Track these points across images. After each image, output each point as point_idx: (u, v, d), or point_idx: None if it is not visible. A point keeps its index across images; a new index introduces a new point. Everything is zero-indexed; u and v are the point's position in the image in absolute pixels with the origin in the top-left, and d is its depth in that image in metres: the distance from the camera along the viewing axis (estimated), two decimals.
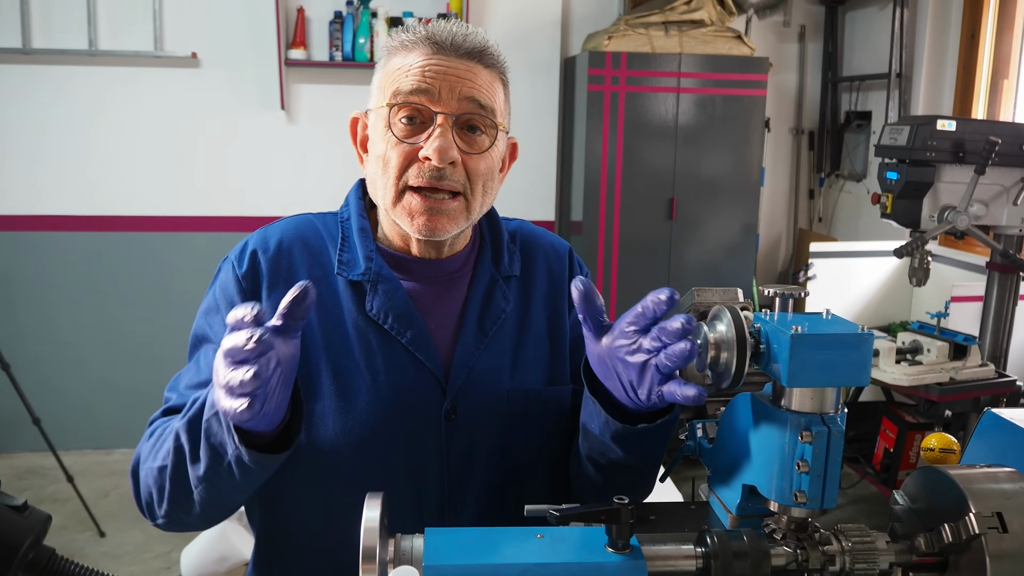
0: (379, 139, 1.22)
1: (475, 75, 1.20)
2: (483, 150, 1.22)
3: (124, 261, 4.58)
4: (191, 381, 1.23)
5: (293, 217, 1.34)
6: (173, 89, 4.47)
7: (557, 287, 1.38)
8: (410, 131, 1.19)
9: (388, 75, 1.22)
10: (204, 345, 1.25)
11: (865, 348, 0.90)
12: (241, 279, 1.24)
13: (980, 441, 1.14)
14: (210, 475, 1.06)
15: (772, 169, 5.32)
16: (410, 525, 0.92)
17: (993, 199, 3.06)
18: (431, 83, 1.18)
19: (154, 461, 1.13)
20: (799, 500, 0.92)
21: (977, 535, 0.88)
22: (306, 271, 1.26)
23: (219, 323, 1.24)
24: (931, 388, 3.20)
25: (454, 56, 1.20)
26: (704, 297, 1.29)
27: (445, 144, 1.16)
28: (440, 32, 1.20)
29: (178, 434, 1.08)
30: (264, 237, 1.29)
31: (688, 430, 1.24)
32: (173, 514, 1.15)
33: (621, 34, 4.33)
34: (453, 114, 1.18)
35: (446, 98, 1.18)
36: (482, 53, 1.22)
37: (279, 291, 1.22)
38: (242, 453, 1.00)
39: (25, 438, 4.04)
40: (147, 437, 1.19)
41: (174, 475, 1.10)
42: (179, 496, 1.11)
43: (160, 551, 3.62)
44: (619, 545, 0.87)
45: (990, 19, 4.21)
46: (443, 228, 1.21)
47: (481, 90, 1.20)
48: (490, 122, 1.22)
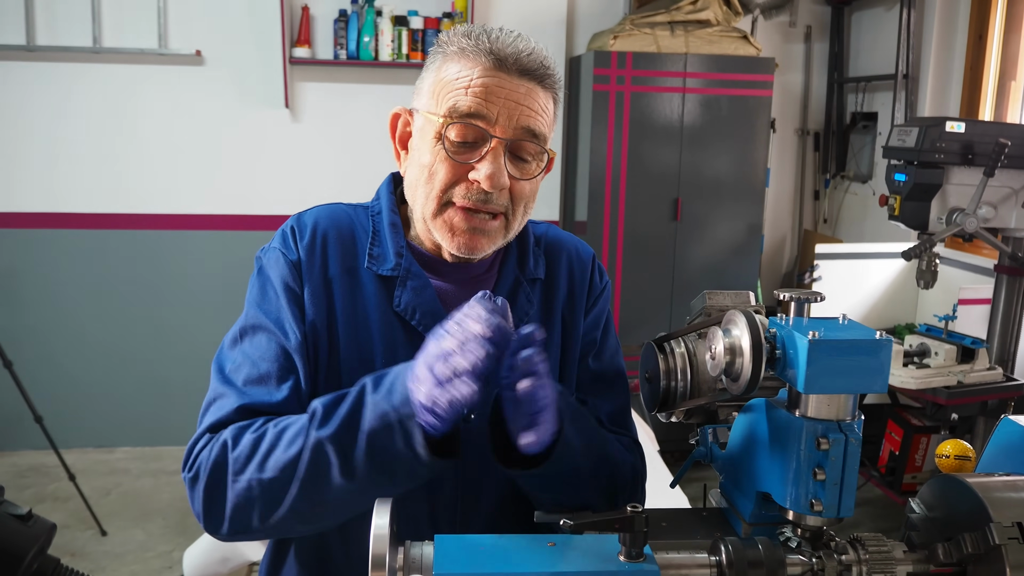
0: (426, 148, 1.20)
1: (533, 99, 1.18)
2: (531, 176, 1.21)
3: (127, 259, 4.57)
4: (250, 376, 1.18)
5: (327, 205, 1.33)
6: (177, 87, 4.46)
7: (576, 293, 1.37)
8: (462, 150, 1.17)
9: (444, 82, 1.18)
10: (258, 333, 1.21)
11: (883, 354, 0.88)
12: (295, 265, 1.23)
13: (996, 448, 1.12)
14: (366, 485, 1.05)
15: (777, 170, 5.31)
16: (424, 533, 0.90)
17: (1002, 201, 3.04)
18: (490, 108, 1.15)
19: (261, 472, 1.07)
20: (815, 508, 0.90)
21: (998, 545, 0.87)
22: (338, 261, 1.25)
23: (278, 310, 1.21)
24: (939, 391, 3.17)
25: (515, 75, 1.17)
26: (715, 301, 1.27)
27: (497, 171, 1.15)
28: (503, 48, 1.17)
29: (318, 447, 1.04)
30: (301, 223, 1.28)
31: (699, 435, 1.23)
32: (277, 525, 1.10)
33: (626, 34, 4.31)
34: (508, 139, 1.17)
35: (503, 124, 1.16)
36: (543, 74, 1.20)
37: (313, 277, 1.23)
38: (424, 458, 1.01)
39: (27, 436, 4.03)
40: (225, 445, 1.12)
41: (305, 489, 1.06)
42: (302, 508, 1.07)
43: (162, 550, 3.61)
44: (632, 553, 0.86)
45: (998, 20, 4.18)
46: (482, 247, 1.21)
47: (537, 117, 1.19)
48: (541, 149, 1.21)
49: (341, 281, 1.24)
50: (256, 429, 1.12)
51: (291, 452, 1.06)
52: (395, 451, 1.01)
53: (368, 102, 4.57)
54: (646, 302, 4.43)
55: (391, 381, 1.04)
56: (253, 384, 1.18)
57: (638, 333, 4.15)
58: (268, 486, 1.07)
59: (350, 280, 1.24)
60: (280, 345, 1.19)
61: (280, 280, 1.23)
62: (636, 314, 4.37)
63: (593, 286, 1.40)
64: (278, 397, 1.16)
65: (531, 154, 1.20)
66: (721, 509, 1.13)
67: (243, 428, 1.13)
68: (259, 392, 1.17)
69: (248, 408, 1.16)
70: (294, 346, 1.19)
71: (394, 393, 1.02)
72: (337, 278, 1.24)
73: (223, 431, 1.14)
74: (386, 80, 4.57)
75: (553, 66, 1.22)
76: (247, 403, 1.16)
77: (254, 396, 1.16)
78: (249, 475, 1.08)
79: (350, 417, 1.04)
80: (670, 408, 1.15)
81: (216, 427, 1.16)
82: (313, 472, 1.05)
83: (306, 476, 1.06)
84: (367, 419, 1.03)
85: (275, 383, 1.17)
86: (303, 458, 1.05)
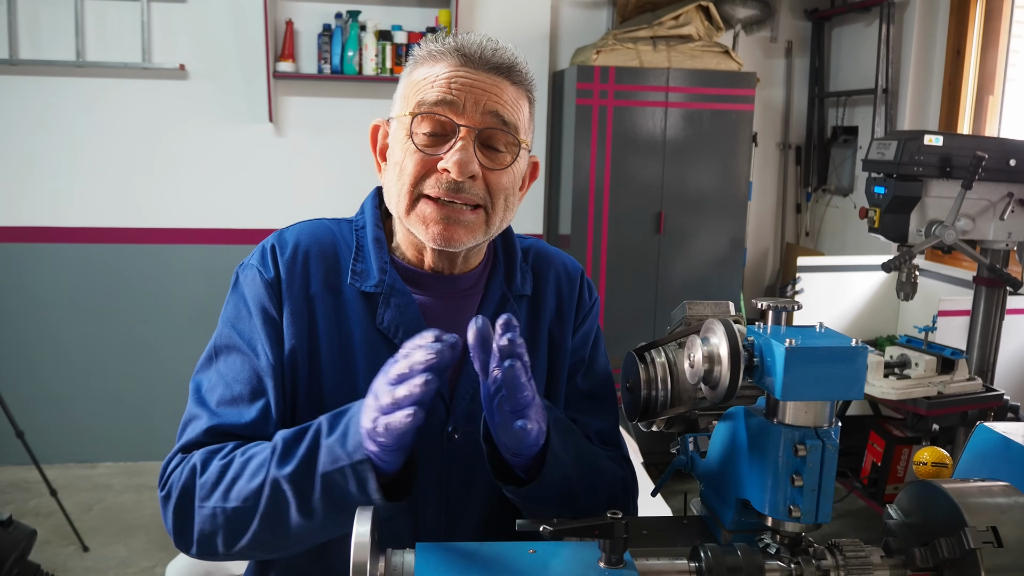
0: (398, 147, 1.20)
1: (501, 90, 1.19)
2: (505, 166, 1.20)
3: (110, 273, 4.54)
4: (223, 397, 1.19)
5: (309, 221, 1.32)
6: (161, 101, 4.45)
7: (564, 309, 1.36)
8: (431, 142, 1.17)
9: (413, 84, 1.20)
10: (232, 354, 1.22)
11: (859, 361, 0.89)
12: (272, 283, 1.22)
13: (972, 455, 1.14)
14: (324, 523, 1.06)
15: (759, 183, 5.34)
16: (407, 546, 0.90)
17: (980, 214, 3.07)
18: (456, 95, 1.16)
19: (225, 501, 1.09)
20: (793, 515, 0.91)
21: (973, 549, 0.88)
22: (320, 278, 1.24)
23: (251, 330, 1.22)
24: (919, 402, 3.20)
25: (482, 70, 1.18)
26: (695, 310, 1.28)
27: (466, 157, 1.15)
28: (469, 45, 1.19)
29: (276, 485, 1.05)
30: (282, 240, 1.27)
31: (680, 444, 1.24)
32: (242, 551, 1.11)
33: (609, 48, 4.34)
34: (476, 128, 1.17)
35: (470, 111, 1.16)
36: (510, 69, 1.20)
37: (294, 296, 1.22)
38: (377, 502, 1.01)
39: (8, 451, 4.00)
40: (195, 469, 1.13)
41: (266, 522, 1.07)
42: (264, 538, 1.09)
43: (144, 566, 3.59)
44: (612, 560, 0.86)
45: (975, 36, 4.24)
46: (459, 239, 1.19)
47: (506, 106, 1.19)
48: (512, 139, 1.20)
49: (323, 299, 1.23)
50: (224, 455, 1.13)
51: (253, 485, 1.07)
52: (349, 495, 1.02)
53: (352, 116, 4.58)
54: (630, 315, 4.44)
55: (346, 422, 1.04)
56: (226, 405, 1.18)
57: (621, 347, 4.14)
58: (232, 515, 1.09)
59: (333, 298, 1.23)
60: (252, 367, 1.20)
61: (255, 300, 1.22)
62: (620, 328, 4.38)
63: (582, 303, 1.39)
64: (248, 418, 1.17)
65: (503, 144, 1.20)
66: (702, 517, 1.14)
67: (213, 453, 1.14)
68: (231, 414, 1.18)
69: (219, 430, 1.17)
70: (266, 368, 1.19)
71: (348, 437, 1.03)
72: (319, 296, 1.23)
73: (194, 453, 1.15)
74: (370, 94, 4.57)
75: (523, 64, 1.23)
76: (218, 424, 1.17)
77: (225, 418, 1.17)
78: (214, 503, 1.10)
79: (306, 459, 1.05)
80: (651, 417, 1.16)
81: (188, 447, 1.17)
82: (272, 508, 1.07)
83: (266, 511, 1.07)
84: (322, 462, 1.03)
85: (247, 404, 1.18)
86: (264, 493, 1.07)
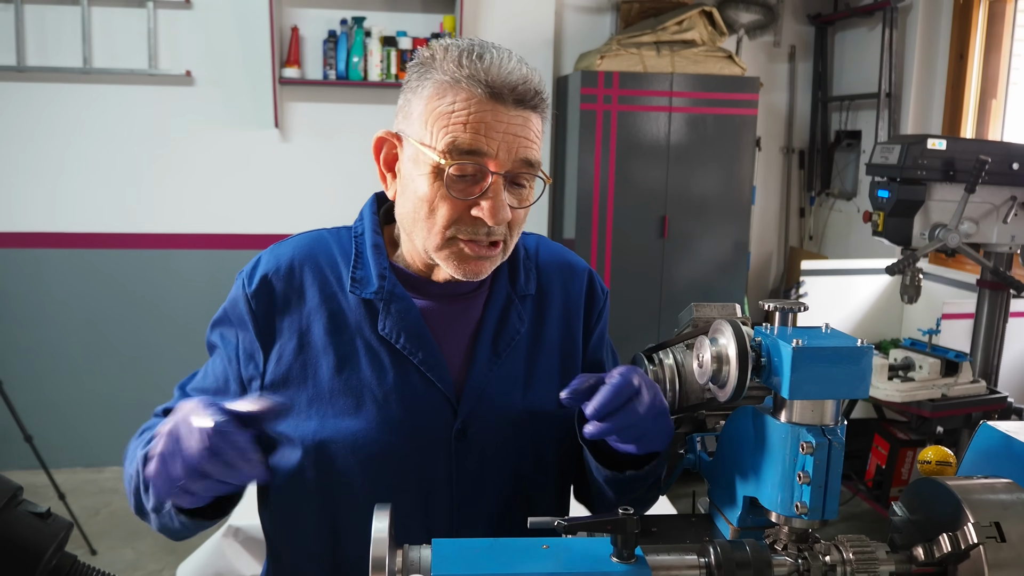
0: (424, 182, 1.16)
1: (529, 128, 1.17)
2: (529, 204, 1.21)
3: (116, 278, 4.57)
4: (197, 385, 1.30)
5: (305, 234, 1.33)
6: (167, 107, 4.48)
7: (572, 307, 1.36)
8: (461, 183, 1.15)
9: (438, 114, 1.15)
10: (215, 351, 1.30)
11: (865, 361, 0.91)
12: (250, 298, 1.24)
13: (976, 453, 1.16)
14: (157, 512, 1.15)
15: (763, 188, 5.36)
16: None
17: (983, 217, 3.09)
18: (489, 145, 1.14)
19: (130, 465, 1.21)
20: (800, 511, 0.93)
21: (975, 544, 0.90)
22: (317, 290, 1.25)
23: (223, 336, 1.28)
24: (923, 404, 3.21)
25: (511, 106, 1.15)
26: (703, 312, 1.30)
27: (499, 206, 1.14)
28: (496, 78, 1.14)
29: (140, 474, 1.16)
30: (275, 256, 1.28)
31: (688, 444, 1.26)
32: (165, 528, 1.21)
33: (613, 54, 4.37)
34: (507, 173, 1.16)
35: (502, 158, 1.15)
36: (537, 102, 1.18)
37: (291, 312, 1.24)
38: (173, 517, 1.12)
39: (17, 455, 4.02)
40: (139, 432, 1.26)
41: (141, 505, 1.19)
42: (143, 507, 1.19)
43: (152, 569, 3.60)
44: (624, 555, 0.88)
45: (978, 39, 4.26)
46: (484, 272, 1.21)
47: (533, 146, 1.18)
48: (535, 174, 1.20)
49: (321, 311, 1.24)
50: (140, 433, 1.26)
51: (130, 470, 1.20)
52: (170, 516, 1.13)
53: (357, 121, 4.60)
54: (634, 320, 4.45)
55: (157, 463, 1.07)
56: (197, 392, 1.29)
57: (626, 351, 4.17)
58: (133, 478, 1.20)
59: (332, 308, 1.24)
60: (224, 369, 1.28)
61: (235, 311, 1.26)
62: (624, 332, 4.38)
63: (595, 299, 1.40)
64: None
65: (527, 180, 1.19)
66: (710, 515, 1.16)
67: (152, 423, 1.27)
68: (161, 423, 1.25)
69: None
70: (234, 375, 1.26)
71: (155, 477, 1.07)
72: (316, 309, 1.24)
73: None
74: (375, 100, 4.60)
75: (545, 89, 1.21)
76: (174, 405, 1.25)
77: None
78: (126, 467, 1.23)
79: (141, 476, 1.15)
80: None
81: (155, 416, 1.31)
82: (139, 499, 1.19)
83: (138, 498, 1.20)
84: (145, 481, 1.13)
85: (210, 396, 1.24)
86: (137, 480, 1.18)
